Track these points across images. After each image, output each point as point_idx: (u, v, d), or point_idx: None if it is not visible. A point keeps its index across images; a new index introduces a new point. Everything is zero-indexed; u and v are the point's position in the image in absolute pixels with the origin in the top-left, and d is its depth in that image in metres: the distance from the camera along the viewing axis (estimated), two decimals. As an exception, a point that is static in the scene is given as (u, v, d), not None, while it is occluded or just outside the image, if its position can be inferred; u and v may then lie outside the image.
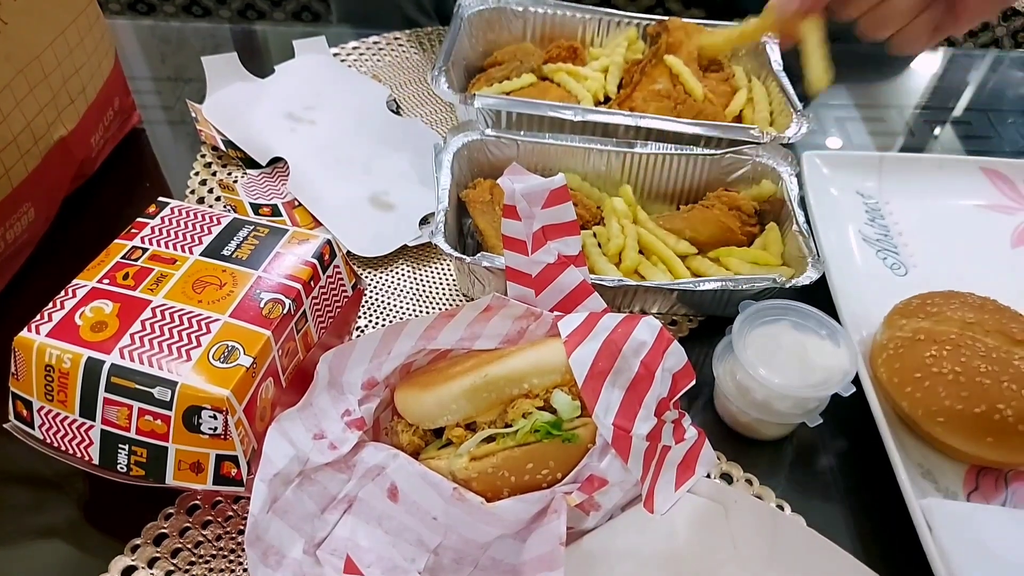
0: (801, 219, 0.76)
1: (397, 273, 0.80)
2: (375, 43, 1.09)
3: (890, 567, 0.55)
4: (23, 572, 0.57)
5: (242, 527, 0.59)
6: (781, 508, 0.63)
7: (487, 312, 0.59)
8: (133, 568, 0.57)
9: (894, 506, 0.60)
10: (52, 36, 0.72)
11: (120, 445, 0.52)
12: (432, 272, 0.80)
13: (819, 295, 0.71)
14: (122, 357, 0.51)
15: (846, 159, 0.92)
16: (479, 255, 0.70)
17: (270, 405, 0.55)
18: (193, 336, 0.53)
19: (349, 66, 1.04)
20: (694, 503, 0.57)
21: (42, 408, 0.53)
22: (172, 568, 0.57)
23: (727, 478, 0.65)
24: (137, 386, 0.51)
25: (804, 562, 0.55)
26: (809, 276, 0.71)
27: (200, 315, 0.54)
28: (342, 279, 0.63)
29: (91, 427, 0.52)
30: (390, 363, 0.58)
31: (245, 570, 0.57)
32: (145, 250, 0.59)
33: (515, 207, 0.61)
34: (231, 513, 0.60)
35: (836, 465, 0.67)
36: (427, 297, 0.78)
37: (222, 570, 0.57)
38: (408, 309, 0.77)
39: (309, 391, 0.56)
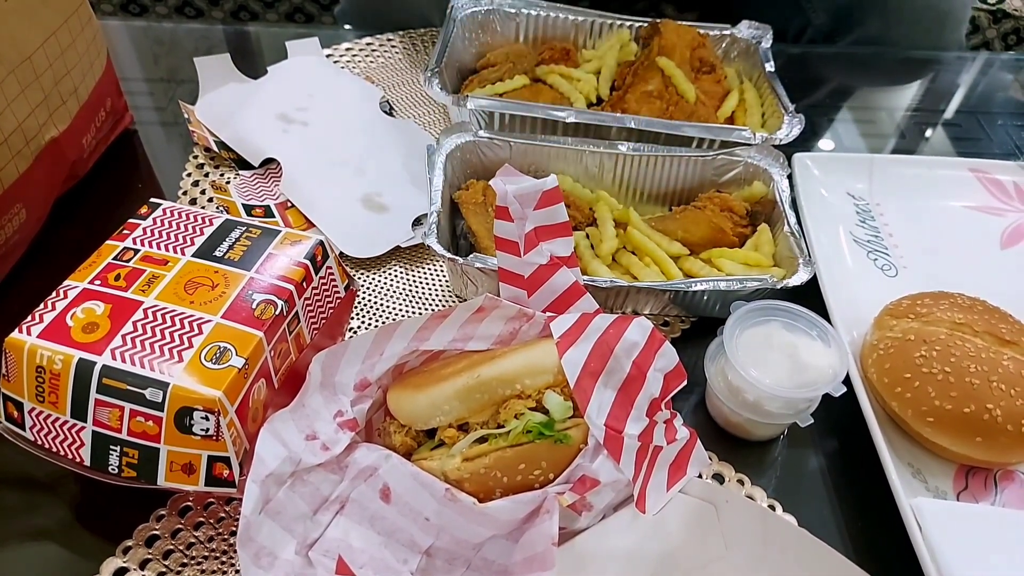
0: (792, 220, 0.76)
1: (390, 274, 0.80)
2: (368, 44, 1.09)
3: (880, 566, 0.55)
4: (14, 574, 0.57)
5: (234, 528, 0.59)
6: (772, 508, 0.63)
7: (480, 313, 0.59)
8: (125, 570, 0.57)
9: (884, 506, 0.60)
10: (43, 37, 0.72)
11: (111, 446, 0.52)
12: (425, 273, 0.80)
13: (810, 296, 0.71)
14: (113, 358, 0.51)
15: (837, 161, 0.92)
16: (472, 256, 0.70)
17: (262, 406, 0.55)
18: (185, 337, 0.53)
19: (342, 67, 1.04)
20: (686, 503, 0.57)
21: (33, 409, 0.53)
22: (164, 569, 0.57)
23: (719, 478, 0.65)
24: (128, 387, 0.50)
25: (795, 561, 0.55)
26: (800, 277, 0.71)
27: (192, 316, 0.54)
28: (335, 280, 0.63)
29: (82, 428, 0.52)
30: (383, 364, 0.58)
31: (237, 571, 0.57)
32: (137, 251, 0.59)
33: (508, 208, 0.61)
34: (223, 514, 0.60)
35: (827, 465, 0.67)
36: (420, 298, 0.78)
37: (214, 571, 0.57)
38: (401, 310, 0.77)
39: (301, 392, 0.56)
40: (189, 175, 0.88)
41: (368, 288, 0.78)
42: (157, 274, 0.57)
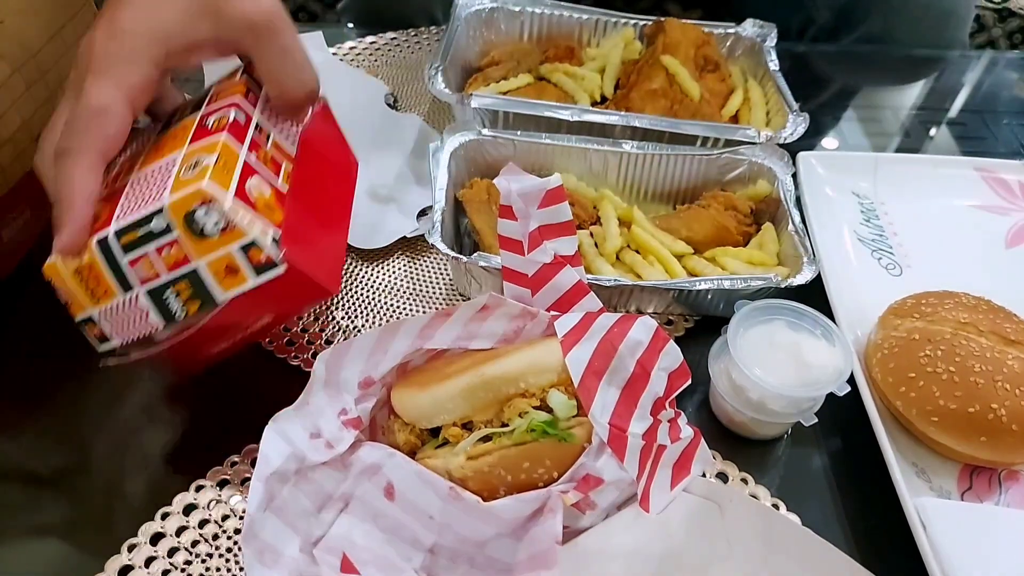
0: (797, 219, 0.76)
1: (394, 272, 0.80)
2: (372, 43, 1.09)
3: (884, 566, 0.55)
4: (19, 572, 0.57)
5: (239, 526, 0.59)
6: (776, 507, 0.63)
7: (484, 311, 0.59)
8: (129, 567, 0.57)
9: (888, 505, 0.60)
10: (49, 35, 0.72)
11: (164, 293, 0.54)
12: (429, 271, 0.80)
13: (814, 295, 0.71)
14: (119, 220, 0.53)
15: (841, 159, 0.92)
16: (476, 255, 0.70)
17: (276, 204, 0.56)
18: (164, 176, 0.55)
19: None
20: (689, 502, 0.57)
21: (100, 312, 0.56)
22: (169, 567, 0.57)
23: (722, 477, 0.65)
24: (139, 232, 0.52)
25: (799, 561, 0.55)
26: (804, 276, 0.71)
27: (166, 161, 0.56)
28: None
29: (137, 296, 0.54)
30: (387, 362, 0.58)
31: (242, 569, 0.58)
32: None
33: (511, 207, 0.61)
34: (228, 512, 0.60)
35: (831, 464, 0.67)
36: (424, 296, 0.78)
37: (219, 569, 0.58)
38: (405, 308, 0.77)
39: (306, 390, 0.57)
40: (193, 173, 0.88)
41: (372, 285, 0.79)
42: (134, 163, 0.60)
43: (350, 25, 1.14)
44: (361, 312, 0.76)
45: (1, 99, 0.67)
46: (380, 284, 0.79)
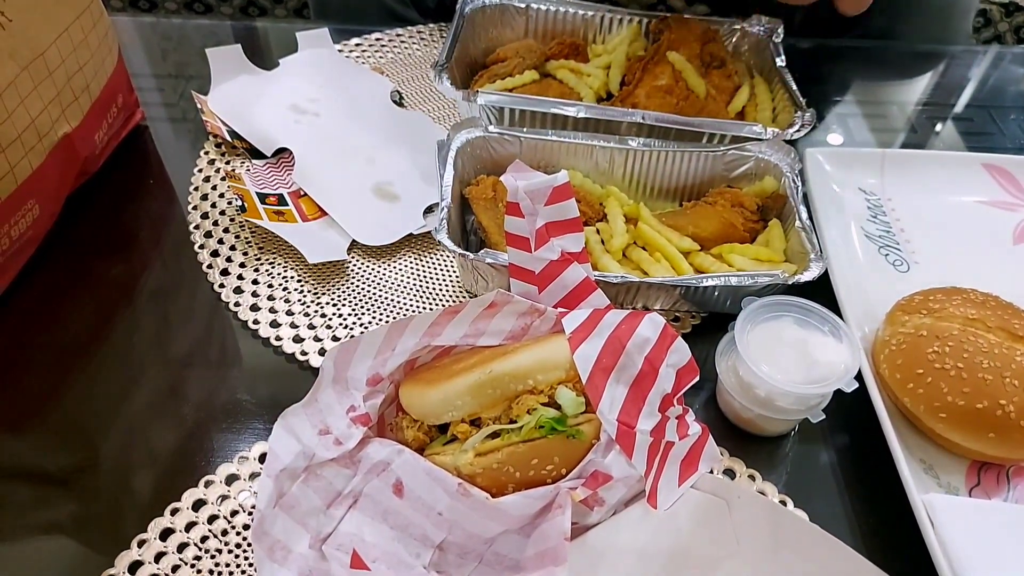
0: (804, 215, 0.76)
1: (400, 269, 0.80)
2: (377, 39, 1.09)
3: (892, 562, 0.55)
4: (29, 569, 0.57)
5: (247, 521, 0.59)
6: (783, 504, 0.63)
7: (491, 308, 0.59)
8: (139, 563, 0.57)
9: (896, 502, 0.60)
10: (56, 33, 0.72)
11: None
12: (435, 268, 0.81)
13: (821, 291, 0.71)
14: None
15: (848, 156, 0.92)
16: (482, 252, 0.70)
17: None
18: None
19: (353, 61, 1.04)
20: (697, 499, 0.57)
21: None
22: (178, 563, 0.57)
23: (730, 474, 0.65)
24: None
25: (807, 557, 0.55)
26: (811, 272, 0.71)
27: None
28: None
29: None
30: (395, 359, 0.58)
31: (251, 564, 0.58)
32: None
33: (518, 204, 0.61)
34: (237, 508, 0.60)
35: (838, 461, 0.67)
36: (430, 293, 0.78)
37: (228, 565, 0.58)
38: (412, 305, 0.77)
39: (314, 387, 0.57)
40: (200, 171, 0.88)
41: (379, 282, 0.79)
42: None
43: (337, 26, 1.14)
44: (368, 309, 0.76)
45: (9, 97, 0.67)
46: (387, 281, 0.79)
